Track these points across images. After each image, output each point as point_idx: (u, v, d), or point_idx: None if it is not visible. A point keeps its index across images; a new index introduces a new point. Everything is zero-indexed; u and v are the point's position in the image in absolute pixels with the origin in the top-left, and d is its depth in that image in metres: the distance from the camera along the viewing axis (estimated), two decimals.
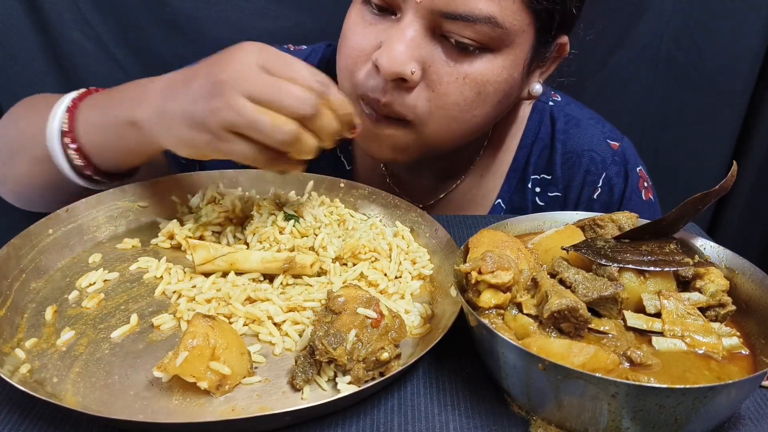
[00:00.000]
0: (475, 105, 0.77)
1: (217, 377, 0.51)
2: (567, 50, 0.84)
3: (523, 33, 0.74)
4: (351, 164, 1.00)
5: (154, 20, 1.29)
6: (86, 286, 0.64)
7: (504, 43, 0.73)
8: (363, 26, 0.77)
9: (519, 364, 0.48)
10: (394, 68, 0.71)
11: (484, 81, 0.75)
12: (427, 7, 0.70)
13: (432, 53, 0.73)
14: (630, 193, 0.95)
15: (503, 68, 0.76)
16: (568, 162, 0.95)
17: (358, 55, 0.77)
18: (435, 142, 0.80)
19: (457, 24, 0.70)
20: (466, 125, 0.80)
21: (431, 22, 0.72)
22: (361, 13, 0.77)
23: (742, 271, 0.59)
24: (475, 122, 0.80)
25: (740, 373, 0.50)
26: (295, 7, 1.31)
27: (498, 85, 0.77)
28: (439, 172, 0.98)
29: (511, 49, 0.75)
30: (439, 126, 0.78)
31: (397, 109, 0.76)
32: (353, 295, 0.56)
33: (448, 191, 0.98)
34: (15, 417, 0.49)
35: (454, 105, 0.76)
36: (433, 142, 0.81)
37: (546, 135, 0.96)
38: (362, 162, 1.00)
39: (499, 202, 0.98)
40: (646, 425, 0.46)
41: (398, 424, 0.50)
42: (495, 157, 0.98)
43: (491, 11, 0.70)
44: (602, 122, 0.99)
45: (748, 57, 1.41)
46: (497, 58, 0.75)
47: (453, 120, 0.78)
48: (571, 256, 0.59)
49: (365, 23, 0.76)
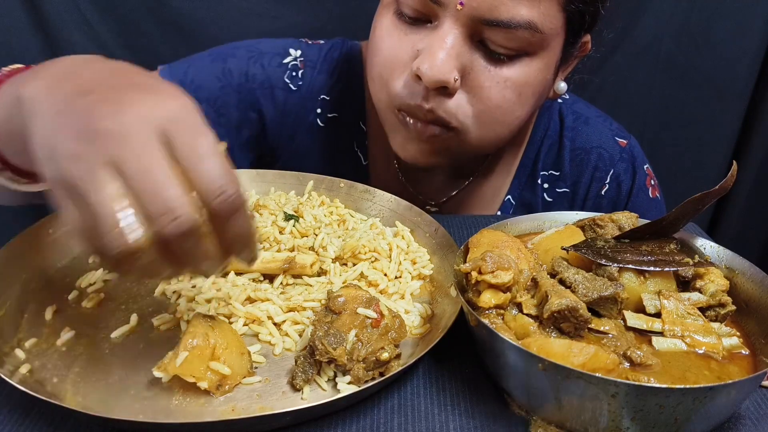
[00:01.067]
0: (517, 107, 0.77)
1: (217, 377, 0.51)
2: (589, 47, 0.84)
3: (557, 36, 0.75)
4: (367, 159, 1.00)
5: (154, 20, 1.29)
6: (86, 286, 0.64)
7: (541, 47, 0.74)
8: (397, 35, 0.76)
9: (519, 364, 0.48)
10: (438, 76, 0.70)
11: (524, 83, 0.75)
12: (468, 14, 0.70)
13: (471, 59, 0.73)
14: (637, 190, 0.96)
15: (539, 70, 0.76)
16: (576, 158, 0.96)
17: (394, 64, 0.76)
18: (479, 144, 0.81)
19: (497, 30, 0.70)
20: (508, 126, 0.80)
21: (471, 29, 0.71)
22: (394, 22, 0.76)
23: (742, 271, 0.59)
24: (516, 123, 0.81)
25: (740, 373, 0.50)
26: (295, 7, 1.31)
27: (536, 87, 0.77)
28: (452, 170, 0.98)
29: (545, 52, 0.75)
30: (483, 129, 0.78)
31: (441, 115, 0.75)
32: (353, 295, 0.56)
33: (459, 189, 0.99)
34: (15, 417, 0.49)
35: (497, 108, 0.76)
36: (477, 145, 0.81)
37: (555, 132, 0.97)
38: (377, 158, 1.00)
39: (509, 199, 0.99)
40: (646, 425, 0.46)
41: (398, 424, 0.50)
42: (505, 155, 0.98)
43: (531, 17, 0.70)
44: (610, 120, 0.99)
45: (748, 57, 1.41)
46: (534, 61, 0.75)
47: (497, 123, 0.78)
48: (571, 256, 0.59)
49: (399, 32, 0.76)
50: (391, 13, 0.77)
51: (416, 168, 0.96)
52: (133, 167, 0.41)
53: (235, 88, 0.92)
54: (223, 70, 0.92)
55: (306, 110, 0.96)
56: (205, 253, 0.44)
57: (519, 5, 0.69)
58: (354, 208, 0.81)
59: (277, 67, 0.94)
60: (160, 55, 1.33)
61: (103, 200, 0.40)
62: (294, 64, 0.95)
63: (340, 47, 0.99)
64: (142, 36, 1.31)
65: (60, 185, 0.42)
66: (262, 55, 0.94)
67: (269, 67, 0.94)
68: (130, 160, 0.41)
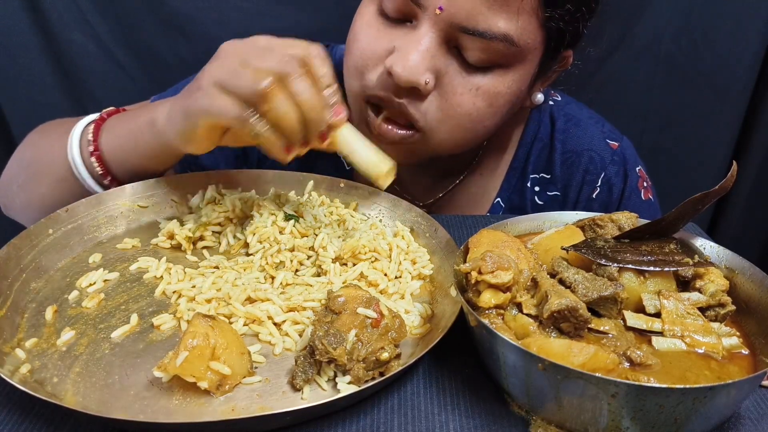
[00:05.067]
0: (486, 116, 0.78)
1: (217, 377, 0.51)
2: (570, 62, 0.85)
3: (535, 50, 0.75)
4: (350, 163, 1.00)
5: (154, 20, 1.29)
6: (86, 286, 0.64)
7: (516, 59, 0.74)
8: (376, 29, 0.76)
9: (519, 364, 0.48)
10: (409, 77, 0.71)
11: (496, 93, 0.76)
12: (446, 19, 0.70)
13: (446, 64, 0.74)
14: (629, 192, 0.95)
15: (513, 81, 0.76)
16: (567, 161, 0.95)
17: (370, 57, 0.77)
18: (441, 148, 0.81)
19: (473, 39, 0.71)
20: (474, 134, 0.81)
21: (447, 34, 0.72)
22: (375, 15, 0.77)
23: (742, 271, 0.59)
24: (483, 132, 0.81)
25: (740, 373, 0.50)
26: (295, 7, 1.31)
27: (508, 97, 0.78)
28: (440, 171, 0.98)
29: (521, 65, 0.76)
30: (448, 134, 0.79)
31: (410, 112, 0.76)
32: (353, 295, 0.56)
33: (447, 190, 0.98)
34: (15, 417, 0.49)
35: (466, 115, 0.77)
36: (439, 148, 0.81)
37: (546, 134, 0.96)
38: None
39: (498, 201, 0.98)
40: (646, 425, 0.46)
41: (398, 424, 0.50)
42: (495, 157, 0.98)
43: (508, 30, 0.70)
44: (602, 122, 0.99)
45: (748, 57, 1.41)
46: (508, 73, 0.75)
47: (463, 129, 0.79)
48: (571, 256, 0.59)
49: (379, 26, 0.76)
50: (374, 6, 0.77)
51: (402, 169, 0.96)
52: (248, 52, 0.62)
53: None
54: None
55: None
56: (309, 90, 0.61)
57: (497, 17, 0.69)
58: (354, 208, 0.81)
59: None
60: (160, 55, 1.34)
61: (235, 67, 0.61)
62: None
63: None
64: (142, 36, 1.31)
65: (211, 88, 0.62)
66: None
67: None
68: (248, 51, 0.62)
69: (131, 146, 0.74)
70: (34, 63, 1.30)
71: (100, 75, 1.34)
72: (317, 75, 0.62)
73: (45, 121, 0.90)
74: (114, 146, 0.75)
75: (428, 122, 0.77)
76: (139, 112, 0.76)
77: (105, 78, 1.35)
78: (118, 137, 0.75)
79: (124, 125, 0.76)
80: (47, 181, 0.79)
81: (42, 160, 0.80)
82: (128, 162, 0.76)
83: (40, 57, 1.29)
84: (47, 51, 1.29)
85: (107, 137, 0.75)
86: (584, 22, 0.77)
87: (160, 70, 1.35)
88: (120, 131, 0.76)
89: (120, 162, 0.76)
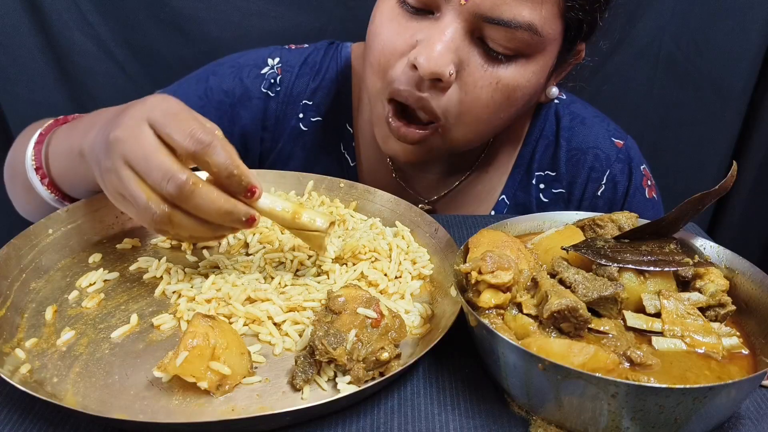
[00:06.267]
0: (503, 109, 0.78)
1: (217, 377, 0.51)
2: (583, 56, 0.85)
3: (555, 41, 0.76)
4: (355, 160, 1.00)
5: (154, 20, 1.29)
6: (86, 286, 0.64)
7: (537, 50, 0.74)
8: (398, 23, 0.76)
9: (519, 364, 0.48)
10: (434, 68, 0.71)
11: (515, 86, 0.76)
12: (471, 10, 0.70)
13: (468, 55, 0.73)
14: (633, 190, 0.95)
15: (533, 74, 0.76)
16: (572, 159, 0.96)
17: (392, 52, 0.76)
18: (460, 141, 0.81)
19: (498, 29, 0.71)
20: (492, 127, 0.81)
21: (471, 25, 0.72)
22: (396, 10, 0.76)
23: (742, 271, 0.59)
24: (500, 124, 0.82)
25: (740, 373, 0.50)
26: (295, 7, 1.31)
27: (526, 90, 0.78)
28: (445, 167, 0.98)
29: (541, 56, 0.76)
30: (466, 127, 0.79)
31: (431, 105, 0.76)
32: (353, 295, 0.56)
33: (453, 187, 0.98)
34: (15, 417, 0.49)
35: (484, 108, 0.77)
36: (458, 142, 0.81)
37: (551, 132, 0.97)
38: (367, 158, 1.00)
39: (503, 198, 0.98)
40: (646, 425, 0.46)
41: (398, 424, 0.50)
42: (500, 154, 0.98)
43: (532, 19, 0.70)
44: (607, 121, 0.99)
45: (748, 57, 1.41)
46: (529, 64, 0.75)
47: (481, 122, 0.79)
48: (571, 256, 0.59)
49: (400, 20, 0.76)
50: (393, 1, 0.77)
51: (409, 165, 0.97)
52: (132, 156, 0.56)
53: (215, 105, 0.94)
54: (205, 89, 0.94)
55: (287, 116, 0.97)
56: (209, 204, 0.56)
57: (521, 6, 0.69)
58: (354, 208, 0.81)
59: (254, 78, 0.96)
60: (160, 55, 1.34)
61: (132, 186, 0.56)
62: (271, 73, 0.96)
63: (325, 50, 1.00)
64: (142, 36, 1.31)
65: (114, 193, 0.59)
66: (242, 69, 0.96)
67: (247, 79, 0.95)
68: (131, 150, 0.56)
69: (72, 174, 0.71)
70: (34, 63, 1.29)
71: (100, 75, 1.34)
72: (217, 173, 0.57)
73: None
74: (61, 174, 0.73)
75: (447, 116, 0.77)
76: (74, 133, 0.70)
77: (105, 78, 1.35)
78: (61, 165, 0.72)
79: (63, 149, 0.71)
80: (20, 186, 0.79)
81: (15, 167, 0.80)
82: (80, 187, 0.73)
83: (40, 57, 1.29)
84: (47, 51, 1.29)
85: (53, 161, 0.73)
86: (601, 13, 0.77)
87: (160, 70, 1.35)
88: (60, 152, 0.72)
89: (71, 188, 0.74)
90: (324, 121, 0.98)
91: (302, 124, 0.97)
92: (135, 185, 0.56)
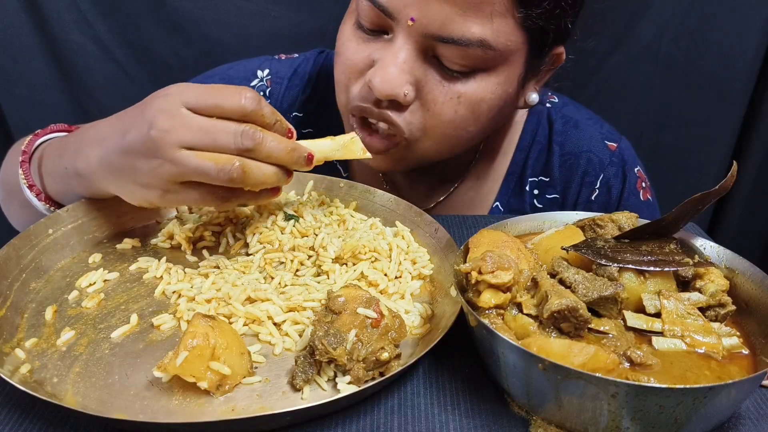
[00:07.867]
0: (470, 122, 0.78)
1: (217, 377, 0.51)
2: (563, 59, 0.84)
3: (518, 51, 0.75)
4: (347, 171, 1.00)
5: (154, 20, 1.30)
6: (86, 286, 0.64)
7: (497, 62, 0.74)
8: (356, 43, 0.77)
9: (519, 364, 0.48)
10: (388, 90, 0.72)
11: (479, 99, 0.76)
12: (420, 30, 0.70)
13: (425, 74, 0.74)
14: (628, 194, 0.95)
15: (497, 85, 0.76)
16: (566, 164, 0.95)
17: (352, 70, 0.78)
18: (428, 155, 0.82)
19: (450, 47, 0.71)
20: (460, 141, 0.81)
21: (423, 45, 0.72)
22: (354, 30, 0.78)
23: (742, 271, 0.59)
24: (469, 137, 0.82)
25: (740, 373, 0.50)
26: (295, 7, 1.31)
27: (492, 102, 0.78)
28: (436, 176, 0.98)
29: (504, 67, 0.75)
30: (433, 142, 0.80)
31: (393, 119, 0.76)
32: (353, 295, 0.56)
33: (445, 195, 0.99)
34: (15, 417, 0.49)
35: (449, 123, 0.77)
36: (426, 155, 0.82)
37: (543, 137, 0.96)
38: (359, 169, 1.00)
39: (497, 205, 0.98)
40: (646, 425, 0.46)
41: (398, 424, 0.50)
42: (492, 161, 0.98)
43: (483, 35, 0.70)
44: (600, 123, 0.99)
45: (748, 57, 1.41)
46: (491, 76, 0.75)
47: (447, 137, 0.79)
48: (571, 256, 0.59)
49: (358, 41, 0.77)
50: (352, 20, 0.78)
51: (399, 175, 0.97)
52: (191, 137, 0.58)
53: None
54: None
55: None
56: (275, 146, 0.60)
57: (470, 23, 0.69)
58: (354, 208, 0.81)
59: None
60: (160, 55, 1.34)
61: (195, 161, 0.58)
62: (261, 85, 0.97)
63: (314, 60, 1.00)
64: (142, 36, 1.31)
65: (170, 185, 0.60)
66: (231, 82, 0.95)
67: None
68: (186, 133, 0.58)
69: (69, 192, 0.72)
70: (34, 63, 1.30)
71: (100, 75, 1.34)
72: (270, 122, 0.62)
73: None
74: (57, 191, 0.73)
75: (412, 131, 0.78)
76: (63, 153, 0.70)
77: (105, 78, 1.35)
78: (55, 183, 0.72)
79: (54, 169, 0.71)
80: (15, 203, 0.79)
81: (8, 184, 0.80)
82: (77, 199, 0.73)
83: (40, 57, 1.29)
84: (47, 51, 1.29)
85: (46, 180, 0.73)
86: (568, 18, 0.76)
87: (160, 70, 1.35)
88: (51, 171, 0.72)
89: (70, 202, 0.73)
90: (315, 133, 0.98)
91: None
92: (199, 160, 0.58)
